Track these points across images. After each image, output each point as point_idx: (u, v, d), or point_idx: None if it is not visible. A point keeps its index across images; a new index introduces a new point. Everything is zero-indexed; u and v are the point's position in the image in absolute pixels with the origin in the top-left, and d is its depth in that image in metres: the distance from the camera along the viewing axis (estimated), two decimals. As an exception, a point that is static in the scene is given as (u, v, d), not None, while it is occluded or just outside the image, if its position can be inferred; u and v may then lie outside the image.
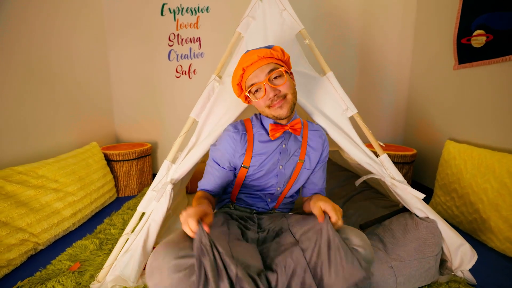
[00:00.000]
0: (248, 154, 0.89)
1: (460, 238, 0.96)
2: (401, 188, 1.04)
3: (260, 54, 0.82)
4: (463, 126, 1.63)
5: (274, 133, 0.85)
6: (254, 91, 0.84)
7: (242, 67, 0.84)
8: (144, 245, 1.01)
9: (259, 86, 0.82)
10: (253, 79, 0.83)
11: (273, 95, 0.81)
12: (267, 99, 0.82)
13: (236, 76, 0.88)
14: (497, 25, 1.38)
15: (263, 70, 0.81)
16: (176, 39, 2.16)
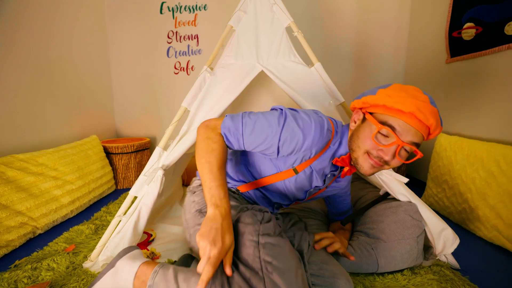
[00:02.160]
0: (310, 160, 0.77)
1: (442, 222, 0.97)
2: (386, 173, 1.06)
3: (431, 121, 0.65)
4: (455, 119, 1.64)
5: (338, 161, 0.76)
6: (382, 132, 0.67)
7: (409, 108, 0.63)
8: (135, 227, 1.06)
9: (393, 140, 0.65)
10: (398, 127, 0.65)
11: (387, 160, 0.67)
12: (379, 153, 0.67)
13: (387, 101, 0.66)
14: (486, 17, 1.39)
15: (414, 135, 0.65)
16: (174, 37, 2.22)
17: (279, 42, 1.31)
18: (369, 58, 2.20)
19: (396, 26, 2.13)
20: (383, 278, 0.91)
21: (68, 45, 1.79)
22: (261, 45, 1.34)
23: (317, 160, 0.78)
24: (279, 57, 1.30)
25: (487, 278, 0.95)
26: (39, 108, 1.57)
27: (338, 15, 2.15)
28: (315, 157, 0.76)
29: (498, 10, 1.32)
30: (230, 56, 1.34)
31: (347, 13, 2.14)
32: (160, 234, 1.28)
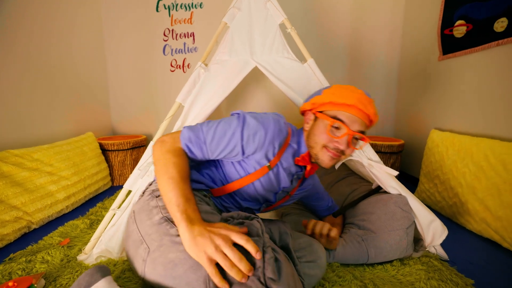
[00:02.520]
0: (278, 155, 0.77)
1: (431, 214, 0.99)
2: (377, 167, 1.08)
3: (374, 112, 0.76)
4: (448, 115, 1.66)
5: (299, 161, 0.80)
6: (333, 125, 0.74)
7: (352, 101, 0.73)
8: (129, 221, 1.07)
9: (344, 131, 0.73)
10: (346, 119, 0.73)
11: (342, 149, 0.74)
12: (335, 144, 0.74)
13: (334, 98, 0.76)
14: (476, 15, 1.42)
15: (360, 124, 0.75)
16: (170, 34, 2.23)
17: (273, 38, 1.33)
18: (364, 55, 2.22)
19: (390, 24, 2.16)
20: (372, 269, 0.92)
21: (65, 42, 1.80)
22: (255, 41, 1.35)
23: (282, 157, 0.79)
24: (272, 53, 1.32)
25: (475, 269, 0.97)
26: (35, 105, 1.57)
27: (333, 13, 2.17)
28: (279, 153, 0.77)
29: (487, 7, 1.34)
30: (224, 53, 1.36)
31: (341, 11, 2.16)
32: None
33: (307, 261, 0.74)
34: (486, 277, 0.92)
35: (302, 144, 0.82)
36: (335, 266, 0.92)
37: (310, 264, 0.75)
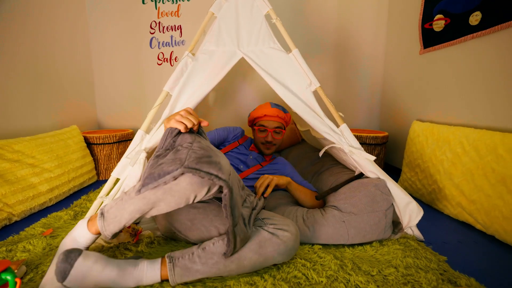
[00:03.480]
0: (241, 140, 1.43)
1: (408, 196, 1.04)
2: (357, 153, 1.12)
3: (280, 114, 1.34)
4: (428, 107, 1.73)
5: (252, 147, 1.41)
6: (261, 129, 1.33)
7: (263, 113, 1.34)
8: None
9: (267, 131, 1.32)
10: (265, 123, 1.33)
11: (270, 140, 1.32)
12: (265, 140, 1.32)
13: (256, 114, 1.37)
14: (453, 9, 1.48)
15: (274, 124, 1.33)
16: (157, 27, 2.21)
17: (259, 29, 1.34)
18: (350, 49, 2.26)
19: (375, 19, 2.21)
20: (353, 249, 0.96)
21: (49, 34, 1.75)
22: (241, 32, 1.36)
23: (244, 143, 1.42)
24: (259, 43, 1.33)
25: (449, 248, 1.02)
26: (17, 97, 1.53)
27: (320, 8, 2.20)
28: (241, 140, 1.42)
29: (463, 2, 1.40)
30: (211, 43, 1.36)
31: (328, 6, 2.20)
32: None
33: (275, 227, 0.82)
34: (459, 254, 0.98)
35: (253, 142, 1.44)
36: (317, 248, 0.95)
37: (278, 230, 0.82)
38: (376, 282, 0.77)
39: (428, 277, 0.78)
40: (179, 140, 0.79)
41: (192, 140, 0.78)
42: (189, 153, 0.71)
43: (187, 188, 0.68)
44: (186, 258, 0.76)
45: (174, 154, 0.73)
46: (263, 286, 0.74)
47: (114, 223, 0.75)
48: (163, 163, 0.70)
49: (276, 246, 0.78)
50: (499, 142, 1.07)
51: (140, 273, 0.74)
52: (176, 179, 0.67)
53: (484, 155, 1.13)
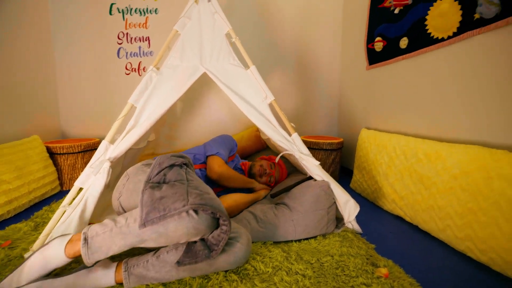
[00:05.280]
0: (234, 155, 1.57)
1: (347, 195, 1.21)
2: (306, 159, 1.28)
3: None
4: (374, 116, 1.97)
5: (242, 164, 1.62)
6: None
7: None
8: (81, 217, 1.10)
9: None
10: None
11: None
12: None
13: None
14: (388, 34, 1.73)
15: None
16: (125, 38, 2.25)
17: (220, 46, 1.47)
18: (310, 61, 2.48)
19: (332, 35, 2.45)
20: (299, 243, 1.10)
21: (10, 41, 1.72)
22: (204, 48, 1.48)
23: (236, 158, 1.54)
24: (220, 60, 1.46)
25: (380, 238, 1.20)
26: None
27: (281, 24, 2.39)
28: (234, 155, 1.53)
29: (396, 28, 1.65)
30: (175, 58, 1.46)
31: (288, 23, 2.40)
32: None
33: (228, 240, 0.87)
34: (387, 243, 1.16)
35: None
36: (269, 244, 1.08)
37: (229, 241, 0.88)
38: (313, 268, 0.92)
39: (355, 262, 0.94)
40: (170, 174, 0.81)
41: (184, 177, 0.81)
42: (189, 189, 0.74)
43: (189, 227, 0.69)
44: (140, 266, 0.80)
45: (171, 188, 0.74)
46: (216, 278, 0.84)
47: (100, 253, 0.75)
48: (164, 197, 0.71)
49: (227, 257, 0.84)
50: (419, 147, 1.29)
51: (94, 281, 0.78)
52: (181, 213, 0.68)
53: (409, 158, 1.35)
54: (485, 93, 1.12)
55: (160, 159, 0.85)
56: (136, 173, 1.07)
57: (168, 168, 0.83)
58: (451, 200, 1.09)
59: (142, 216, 0.69)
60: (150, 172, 0.82)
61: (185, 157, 0.96)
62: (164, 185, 0.77)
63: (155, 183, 0.79)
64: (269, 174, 1.53)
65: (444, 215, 1.12)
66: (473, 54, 1.17)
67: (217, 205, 0.72)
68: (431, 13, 1.36)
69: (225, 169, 1.32)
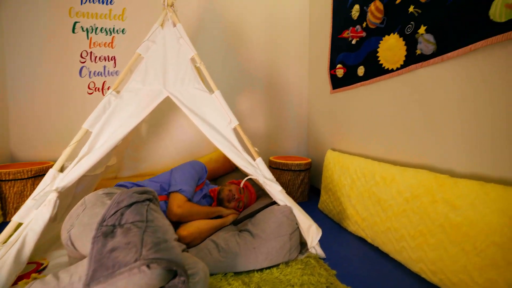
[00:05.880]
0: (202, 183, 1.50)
1: (309, 220, 1.22)
2: (269, 184, 1.28)
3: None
4: (338, 138, 2.05)
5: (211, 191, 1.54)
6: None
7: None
8: (17, 256, 0.98)
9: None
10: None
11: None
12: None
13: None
14: (348, 61, 1.85)
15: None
16: (89, 57, 2.17)
17: (185, 70, 1.47)
18: (279, 84, 2.56)
19: (299, 59, 2.57)
20: (261, 273, 1.07)
21: None
22: (168, 72, 1.47)
23: (205, 185, 1.48)
24: (184, 84, 1.45)
25: (343, 262, 1.21)
26: None
27: (253, 52, 2.48)
28: (203, 182, 1.48)
29: (354, 57, 1.78)
30: (137, 81, 1.43)
31: (259, 51, 2.48)
32: (57, 260, 1.19)
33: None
34: (349, 267, 1.17)
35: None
36: (229, 276, 1.03)
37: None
38: (273, 302, 0.89)
39: (315, 291, 0.93)
40: (128, 214, 0.73)
41: (144, 218, 0.73)
42: (145, 237, 0.66)
43: (141, 284, 0.61)
44: None
45: (125, 235, 0.67)
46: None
47: None
48: (116, 249, 0.64)
49: None
50: (377, 170, 1.36)
51: None
52: (132, 270, 0.61)
53: (369, 180, 1.41)
54: (430, 120, 1.22)
55: (120, 197, 0.78)
56: (94, 204, 0.98)
57: (127, 207, 0.76)
58: (404, 222, 1.14)
59: (89, 274, 0.62)
60: (106, 211, 0.75)
61: (149, 192, 0.90)
62: (118, 230, 0.70)
63: (110, 226, 0.72)
64: (237, 199, 1.50)
65: (399, 237, 1.16)
66: (418, 84, 1.29)
67: (174, 256, 0.67)
68: (382, 46, 1.48)
69: (185, 209, 1.25)
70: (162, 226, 0.75)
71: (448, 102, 1.13)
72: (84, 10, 2.14)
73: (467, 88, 1.05)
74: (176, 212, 1.23)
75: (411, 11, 1.28)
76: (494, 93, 0.96)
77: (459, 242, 0.90)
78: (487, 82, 0.98)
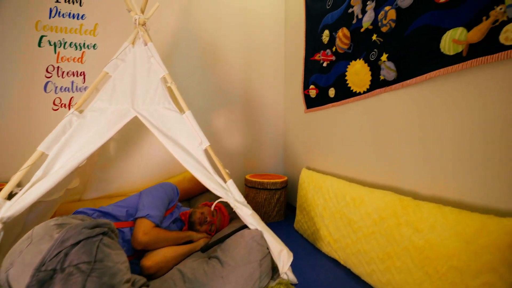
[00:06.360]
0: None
1: (281, 245, 1.19)
2: (240, 208, 1.24)
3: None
4: (313, 156, 2.08)
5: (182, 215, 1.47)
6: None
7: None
8: None
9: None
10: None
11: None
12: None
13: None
14: (320, 83, 1.92)
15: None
16: (55, 71, 2.07)
17: (155, 90, 1.43)
18: (256, 104, 2.59)
19: (276, 81, 2.63)
20: (229, 304, 1.01)
21: None
22: (137, 92, 1.42)
23: (176, 208, 1.41)
24: (154, 103, 1.41)
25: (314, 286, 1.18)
26: None
27: (229, 71, 2.50)
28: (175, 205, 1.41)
29: (325, 79, 1.85)
30: (103, 100, 1.37)
31: (236, 70, 2.51)
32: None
33: None
34: (321, 293, 1.15)
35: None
36: (194, 310, 0.97)
37: None
38: (238, 339, 0.83)
39: (284, 324, 0.89)
40: (73, 254, 0.65)
41: (92, 257, 0.67)
42: (87, 284, 0.60)
43: None
44: None
45: (64, 283, 0.60)
46: None
47: None
48: None
49: None
50: (347, 191, 1.38)
51: None
52: None
53: (340, 201, 1.42)
54: (394, 142, 1.27)
55: (65, 234, 0.69)
56: (41, 238, 0.86)
57: (73, 245, 0.68)
58: (373, 245, 1.14)
59: None
60: (47, 252, 0.66)
61: (104, 224, 0.81)
62: (58, 276, 0.62)
63: (49, 271, 0.63)
64: (210, 222, 1.44)
65: (369, 260, 1.16)
66: (383, 108, 1.35)
67: None
68: (349, 70, 1.55)
69: (152, 236, 1.17)
70: (113, 266, 0.68)
71: (410, 125, 1.19)
72: (52, 24, 2.06)
73: (426, 113, 1.11)
74: (142, 240, 1.15)
75: (374, 39, 1.36)
76: (451, 118, 1.02)
77: (422, 266, 0.91)
78: (444, 109, 1.04)
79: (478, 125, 0.92)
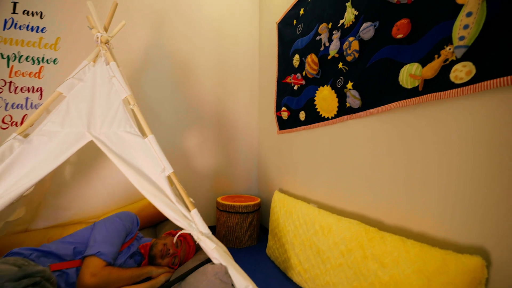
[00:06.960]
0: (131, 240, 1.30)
1: (246, 280, 1.11)
2: (203, 241, 1.16)
3: None
4: (286, 179, 2.05)
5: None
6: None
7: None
8: None
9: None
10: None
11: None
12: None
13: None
14: (291, 105, 1.93)
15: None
16: (7, 87, 1.89)
17: (115, 112, 1.34)
18: (229, 125, 2.55)
19: (250, 101, 2.62)
20: None
21: None
22: (95, 114, 1.32)
23: (135, 241, 1.29)
24: (113, 126, 1.31)
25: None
26: None
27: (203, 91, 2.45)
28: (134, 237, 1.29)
29: (296, 102, 1.86)
30: (54, 123, 1.26)
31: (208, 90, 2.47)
32: None
33: None
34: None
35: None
36: None
37: None
38: None
39: None
40: None
41: None
42: None
43: None
44: None
45: None
46: None
47: None
48: None
49: None
50: (316, 218, 1.35)
51: None
52: None
53: (310, 228, 1.38)
54: (361, 169, 1.27)
55: None
56: None
57: None
58: (341, 277, 1.11)
59: None
60: None
61: (36, 273, 0.71)
62: None
63: None
64: (172, 254, 1.32)
65: (338, 293, 1.12)
66: (349, 134, 1.36)
67: None
68: (318, 96, 1.57)
69: (102, 277, 1.04)
70: None
71: (376, 152, 1.20)
72: (6, 36, 1.91)
73: (391, 141, 1.13)
74: (88, 283, 1.02)
75: (340, 67, 1.40)
76: (409, 149, 1.04)
77: (389, 303, 0.89)
78: (404, 139, 1.07)
79: (437, 158, 0.94)
